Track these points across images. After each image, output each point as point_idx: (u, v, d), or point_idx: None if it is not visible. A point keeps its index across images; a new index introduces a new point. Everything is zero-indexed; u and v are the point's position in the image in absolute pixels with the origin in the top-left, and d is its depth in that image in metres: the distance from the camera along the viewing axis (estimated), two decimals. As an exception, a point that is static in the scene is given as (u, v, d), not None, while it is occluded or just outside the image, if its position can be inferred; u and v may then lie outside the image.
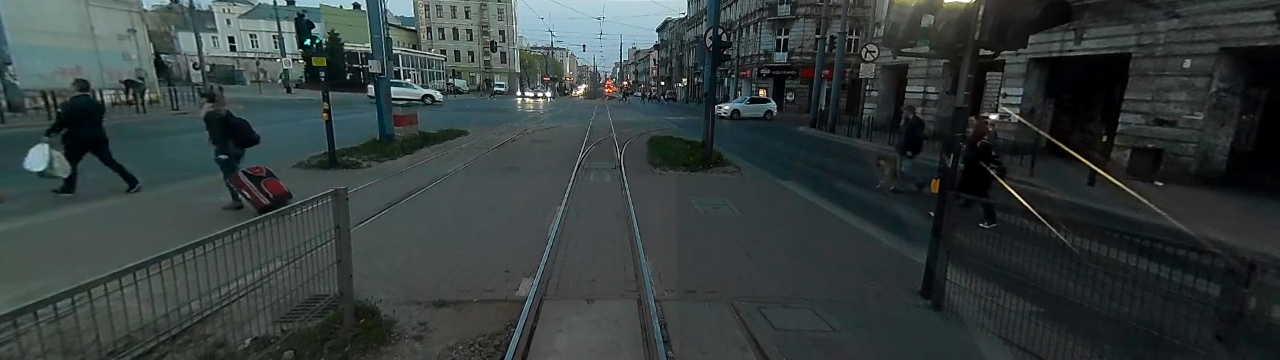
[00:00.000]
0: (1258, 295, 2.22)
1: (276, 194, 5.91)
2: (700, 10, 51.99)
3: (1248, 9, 9.30)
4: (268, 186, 5.90)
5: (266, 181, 5.94)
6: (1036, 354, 3.15)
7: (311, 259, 2.85)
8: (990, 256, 3.49)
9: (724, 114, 29.03)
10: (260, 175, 5.96)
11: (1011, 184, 8.68)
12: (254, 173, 5.97)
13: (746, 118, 29.24)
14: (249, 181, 5.86)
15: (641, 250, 5.01)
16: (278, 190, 5.96)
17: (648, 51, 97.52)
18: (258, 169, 6.04)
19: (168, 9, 57.95)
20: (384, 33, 12.69)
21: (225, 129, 6.19)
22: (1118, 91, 11.96)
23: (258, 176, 5.94)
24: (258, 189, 5.84)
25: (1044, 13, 3.54)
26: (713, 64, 11.20)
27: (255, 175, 5.94)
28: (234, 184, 5.98)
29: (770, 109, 30.63)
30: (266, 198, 5.83)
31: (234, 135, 6.26)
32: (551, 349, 3.16)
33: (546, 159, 11.21)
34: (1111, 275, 2.77)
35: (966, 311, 3.73)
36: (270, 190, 5.89)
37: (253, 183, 5.85)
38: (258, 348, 2.92)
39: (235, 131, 6.26)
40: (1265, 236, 6.46)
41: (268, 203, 5.82)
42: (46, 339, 1.62)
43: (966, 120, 5.41)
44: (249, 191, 5.86)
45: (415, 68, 58.97)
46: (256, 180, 5.89)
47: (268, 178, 6.00)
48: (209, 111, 6.24)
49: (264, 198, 5.83)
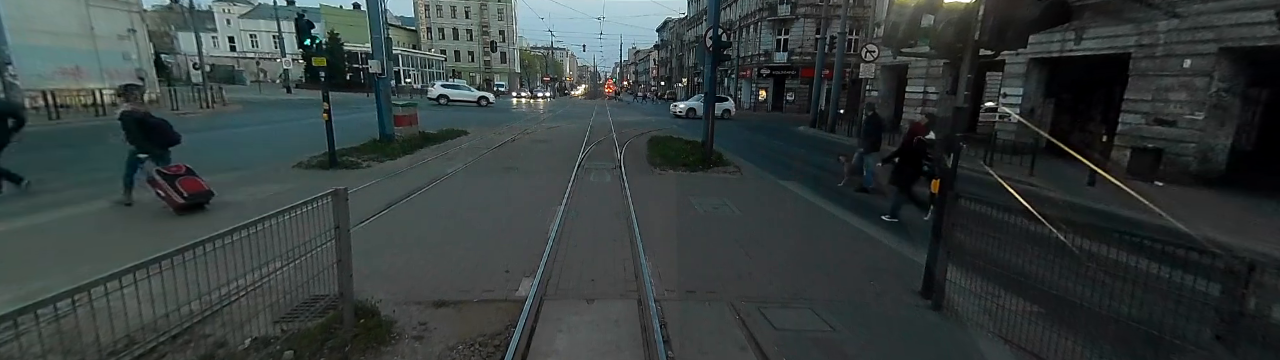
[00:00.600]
0: (1258, 295, 2.22)
1: (193, 192, 5.87)
2: (700, 10, 52.00)
3: (1248, 9, 9.30)
4: (184, 185, 5.85)
5: (183, 180, 5.87)
6: (1036, 354, 3.15)
7: (311, 259, 2.85)
8: (990, 256, 3.49)
9: (680, 113, 28.43)
10: (178, 174, 5.90)
11: (1011, 184, 8.71)
12: (171, 171, 5.91)
13: (702, 117, 28.59)
14: (163, 180, 5.82)
15: (641, 250, 5.01)
16: (196, 188, 5.91)
17: (648, 51, 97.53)
18: (176, 167, 5.99)
19: (168, 9, 57.93)
20: (384, 33, 12.69)
21: (142, 129, 6.11)
22: (1118, 91, 11.96)
23: (174, 175, 5.87)
24: (172, 187, 5.79)
25: (1044, 13, 3.54)
26: (713, 64, 11.21)
27: (172, 174, 5.88)
28: (148, 184, 5.93)
29: (728, 108, 29.58)
30: (181, 196, 5.80)
31: (152, 135, 6.19)
32: (551, 349, 3.16)
33: (546, 159, 11.21)
34: (1111, 275, 2.77)
35: (966, 311, 3.73)
36: (187, 189, 5.84)
37: (167, 181, 5.81)
38: (258, 348, 2.92)
39: (153, 131, 6.19)
40: (1265, 236, 6.47)
41: (182, 201, 5.80)
42: (46, 339, 1.62)
43: (965, 120, 5.41)
44: (163, 190, 5.82)
45: (415, 68, 58.98)
46: (171, 179, 5.83)
47: (185, 176, 5.93)
48: (125, 111, 6.17)
49: (178, 196, 5.79)
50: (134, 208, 6.12)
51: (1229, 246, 5.51)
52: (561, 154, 11.92)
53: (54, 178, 7.48)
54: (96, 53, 19.69)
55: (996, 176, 9.46)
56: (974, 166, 10.72)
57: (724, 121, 23.62)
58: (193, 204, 5.91)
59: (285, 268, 2.74)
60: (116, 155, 6.27)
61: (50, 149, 10.03)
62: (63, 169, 8.38)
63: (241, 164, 9.10)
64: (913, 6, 3.95)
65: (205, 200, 6.05)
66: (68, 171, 8.19)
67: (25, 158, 7.16)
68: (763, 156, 13.47)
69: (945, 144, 4.11)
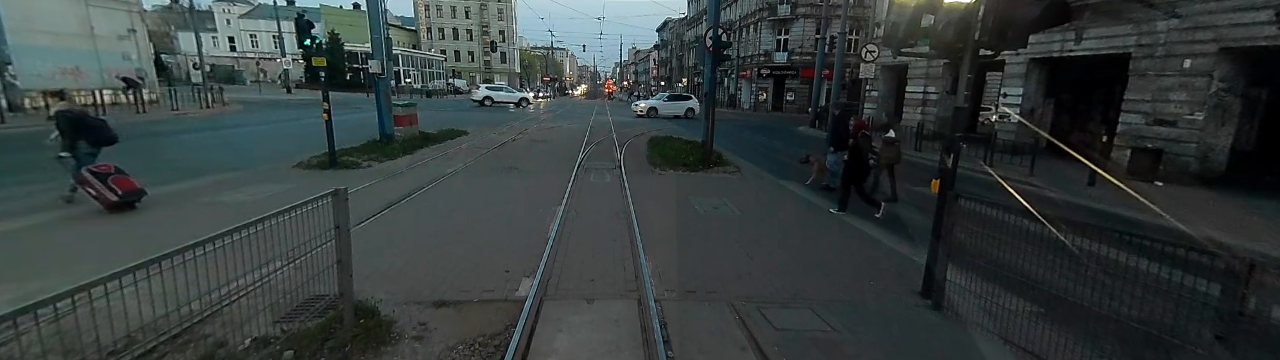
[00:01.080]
0: (1258, 295, 2.22)
1: (126, 190, 5.92)
2: (700, 10, 51.97)
3: (1248, 9, 9.30)
4: (116, 183, 5.90)
5: (114, 178, 5.92)
6: (1036, 354, 3.15)
7: (311, 259, 2.85)
8: (990, 256, 3.49)
9: (640, 113, 26.74)
10: (108, 172, 5.94)
11: (1011, 184, 8.71)
12: (100, 170, 5.93)
13: (665, 116, 26.50)
14: (94, 179, 5.84)
15: (641, 250, 5.01)
16: (128, 187, 5.96)
17: (648, 51, 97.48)
18: (104, 166, 6.01)
19: (168, 9, 57.94)
20: (384, 33, 12.70)
21: (75, 128, 6.16)
22: (1118, 91, 11.95)
23: (104, 173, 5.91)
24: (103, 185, 5.83)
25: (1044, 13, 3.54)
26: (713, 64, 11.20)
27: (102, 172, 5.91)
28: (78, 181, 5.97)
29: (692, 106, 27.64)
30: (114, 194, 5.85)
31: (88, 134, 6.24)
32: (551, 349, 3.16)
33: (546, 159, 11.21)
34: (1111, 275, 2.76)
35: (966, 311, 3.73)
36: (120, 187, 5.89)
37: (98, 180, 5.84)
38: (258, 348, 2.92)
39: (91, 130, 6.26)
40: (1265, 236, 6.47)
41: (115, 199, 5.85)
42: (46, 339, 1.62)
43: (965, 120, 5.42)
44: (94, 188, 5.85)
45: (415, 68, 58.95)
46: (102, 177, 5.87)
47: (116, 175, 5.98)
48: (60, 110, 6.24)
49: (111, 194, 5.84)
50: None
51: (1229, 246, 5.51)
52: (561, 154, 11.92)
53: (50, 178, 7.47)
54: (96, 53, 19.69)
55: (996, 176, 9.46)
56: (974, 166, 10.73)
57: (723, 122, 23.52)
58: (125, 202, 5.95)
59: (285, 268, 2.74)
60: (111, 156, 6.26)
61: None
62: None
63: (241, 164, 9.10)
64: (913, 6, 3.95)
65: (137, 198, 6.09)
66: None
67: (22, 158, 7.14)
68: (763, 156, 13.48)
69: (945, 144, 4.11)
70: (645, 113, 26.56)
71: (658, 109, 27.03)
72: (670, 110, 27.01)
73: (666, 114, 26.66)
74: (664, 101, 28.18)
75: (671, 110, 27.05)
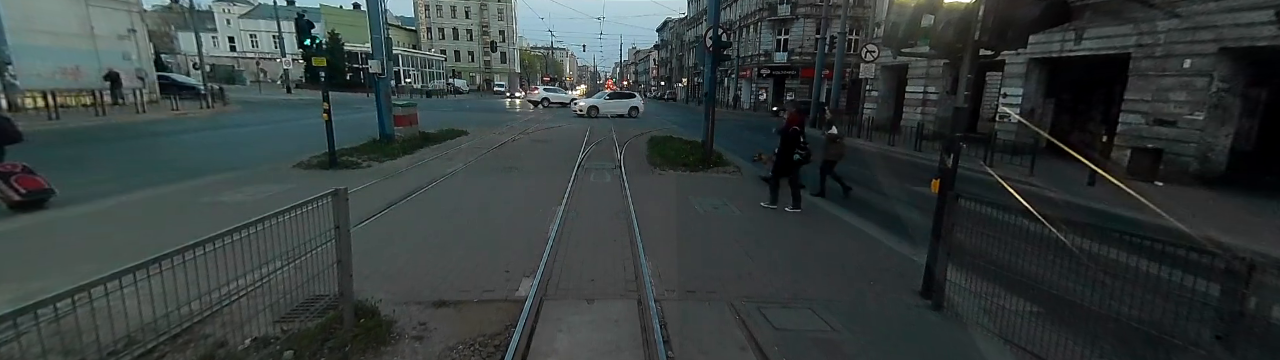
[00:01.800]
0: (1258, 295, 2.21)
1: (31, 189, 5.94)
2: (700, 10, 52.00)
3: (1247, 9, 9.30)
4: (20, 182, 5.91)
5: (19, 177, 5.94)
6: (1036, 354, 3.15)
7: (311, 259, 2.85)
8: (990, 256, 3.49)
9: (580, 112, 25.34)
10: (13, 171, 5.95)
11: (1011, 184, 8.71)
12: (6, 169, 5.94)
13: (608, 116, 25.14)
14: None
15: (641, 250, 5.01)
16: (33, 186, 5.98)
17: (648, 51, 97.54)
18: (10, 165, 6.02)
19: (168, 9, 57.92)
20: (384, 33, 12.69)
21: None
22: (1118, 91, 11.96)
23: (8, 173, 5.93)
24: (7, 185, 5.85)
25: (1044, 13, 3.54)
26: (713, 64, 11.20)
27: (5, 172, 5.92)
28: None
29: (635, 105, 26.38)
30: (18, 194, 5.87)
31: None
32: (551, 349, 3.16)
33: (546, 159, 11.20)
34: (1111, 275, 2.76)
35: (966, 311, 3.73)
36: (24, 186, 5.91)
37: (1, 179, 5.85)
38: (258, 348, 2.92)
39: None
40: (1265, 236, 6.47)
41: (20, 198, 5.87)
42: (46, 339, 1.62)
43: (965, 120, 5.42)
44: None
45: (415, 68, 58.96)
46: (6, 176, 5.89)
47: (21, 174, 5.99)
48: None
49: (15, 194, 5.86)
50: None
51: (1229, 246, 5.52)
52: (561, 154, 11.92)
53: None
54: (96, 53, 19.69)
55: (996, 176, 9.46)
56: (974, 166, 10.73)
57: (722, 121, 23.46)
58: (30, 201, 5.95)
59: (285, 268, 2.74)
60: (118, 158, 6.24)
61: (57, 148, 10.01)
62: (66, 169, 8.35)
63: (241, 164, 9.10)
64: (913, 6, 3.95)
65: (45, 198, 6.09)
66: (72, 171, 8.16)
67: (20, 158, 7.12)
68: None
69: (945, 144, 4.11)
70: (586, 112, 24.98)
71: (598, 108, 25.34)
72: (613, 109, 25.54)
73: (609, 113, 25.26)
74: (605, 100, 26.58)
75: (613, 109, 25.58)
